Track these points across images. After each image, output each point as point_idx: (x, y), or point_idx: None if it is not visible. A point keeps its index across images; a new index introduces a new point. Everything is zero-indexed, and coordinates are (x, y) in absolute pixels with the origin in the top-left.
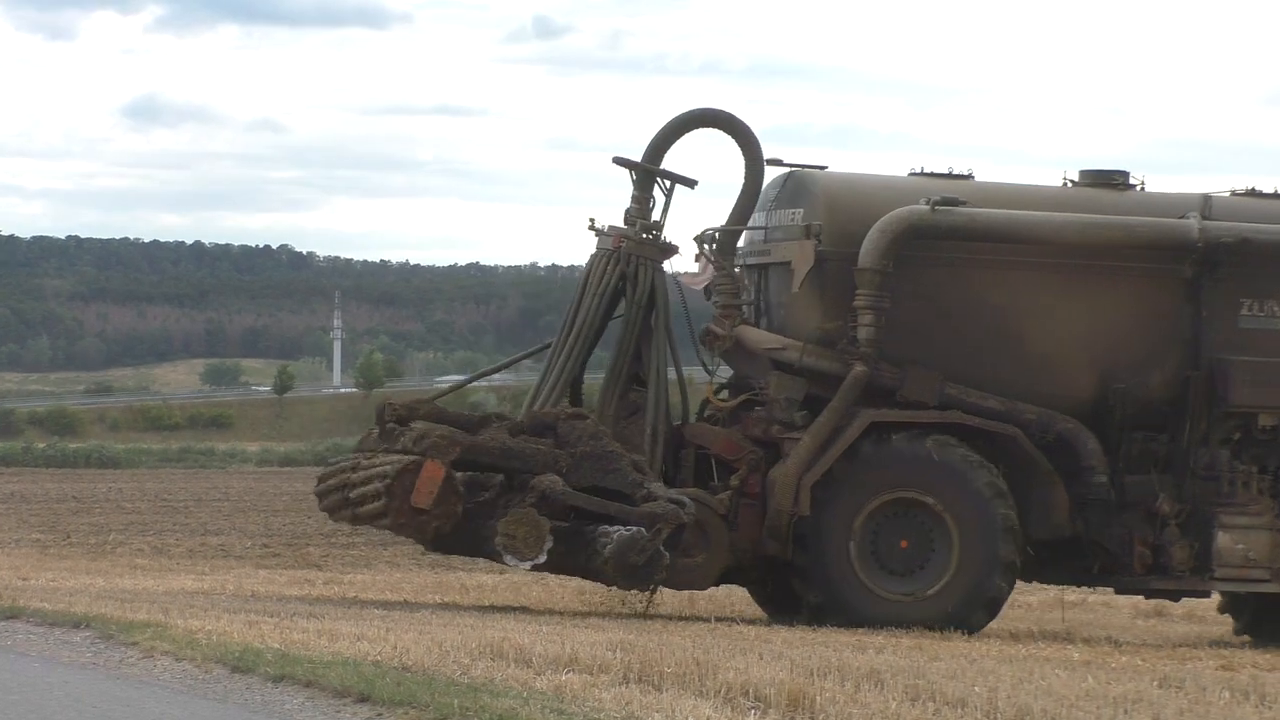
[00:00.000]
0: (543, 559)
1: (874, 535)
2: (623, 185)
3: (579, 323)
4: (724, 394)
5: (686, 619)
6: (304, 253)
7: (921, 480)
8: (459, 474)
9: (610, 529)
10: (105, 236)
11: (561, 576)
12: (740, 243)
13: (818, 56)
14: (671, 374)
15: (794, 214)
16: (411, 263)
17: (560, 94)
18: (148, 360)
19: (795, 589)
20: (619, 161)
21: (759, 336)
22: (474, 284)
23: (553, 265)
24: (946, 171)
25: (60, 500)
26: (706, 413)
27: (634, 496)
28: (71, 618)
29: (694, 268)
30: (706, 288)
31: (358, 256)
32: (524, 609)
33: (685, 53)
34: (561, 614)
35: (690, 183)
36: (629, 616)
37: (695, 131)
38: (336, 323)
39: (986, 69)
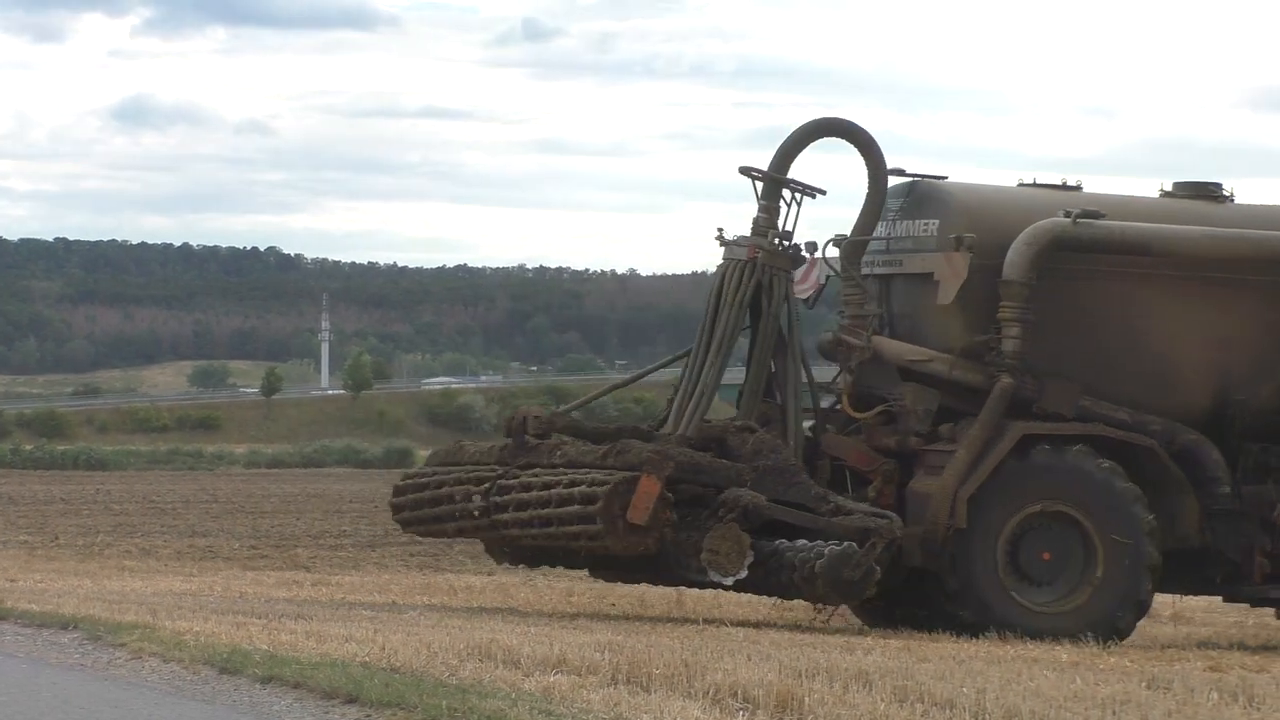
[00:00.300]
0: (744, 574)
1: (1018, 548)
2: (606, 186)
3: (718, 334)
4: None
5: (675, 620)
6: (292, 255)
7: (1066, 491)
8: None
9: (809, 544)
10: (93, 238)
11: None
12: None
13: (806, 59)
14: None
15: (927, 225)
16: (399, 265)
17: (549, 96)
18: (135, 362)
19: (942, 604)
20: (746, 171)
21: (900, 348)
22: (462, 286)
23: (540, 267)
24: (1059, 184)
25: (48, 502)
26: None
27: (818, 510)
28: (59, 619)
29: (794, 275)
30: (809, 296)
31: (345, 258)
32: (512, 610)
33: (674, 55)
34: (550, 615)
35: (818, 192)
36: (617, 618)
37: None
38: (324, 324)
39: (976, 70)
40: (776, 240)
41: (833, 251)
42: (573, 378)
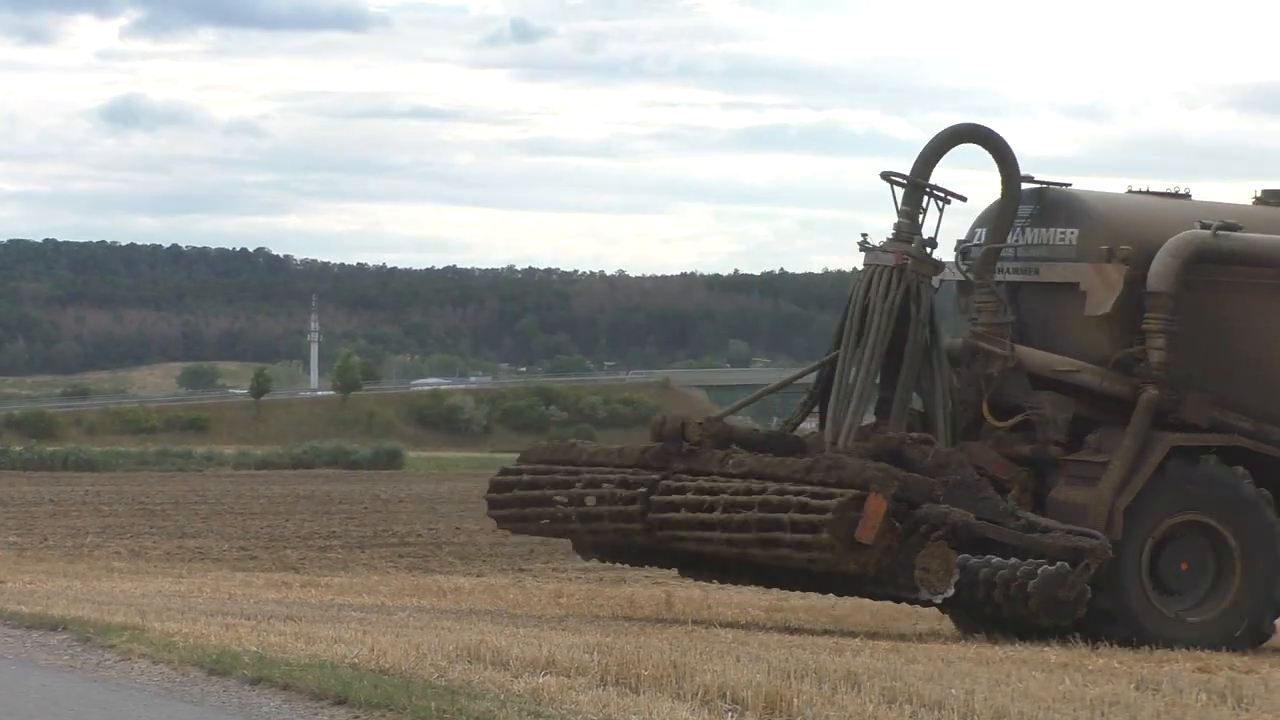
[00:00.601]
0: (951, 591)
1: (1158, 559)
2: (595, 187)
3: (870, 341)
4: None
5: (664, 621)
6: (281, 256)
7: (1204, 501)
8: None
9: (1014, 562)
10: (82, 240)
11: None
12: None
13: (795, 59)
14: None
15: (1064, 234)
16: (388, 266)
17: (537, 97)
18: (125, 363)
19: (1090, 620)
20: (888, 176)
21: (1046, 358)
22: (451, 287)
23: (530, 268)
24: (1170, 191)
25: (37, 503)
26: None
27: (1007, 525)
28: (49, 620)
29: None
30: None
31: (335, 260)
32: (501, 612)
33: (663, 55)
34: (539, 617)
35: (960, 198)
36: (606, 619)
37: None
38: (314, 326)
39: (965, 70)
40: (923, 247)
41: (946, 256)
42: (562, 379)
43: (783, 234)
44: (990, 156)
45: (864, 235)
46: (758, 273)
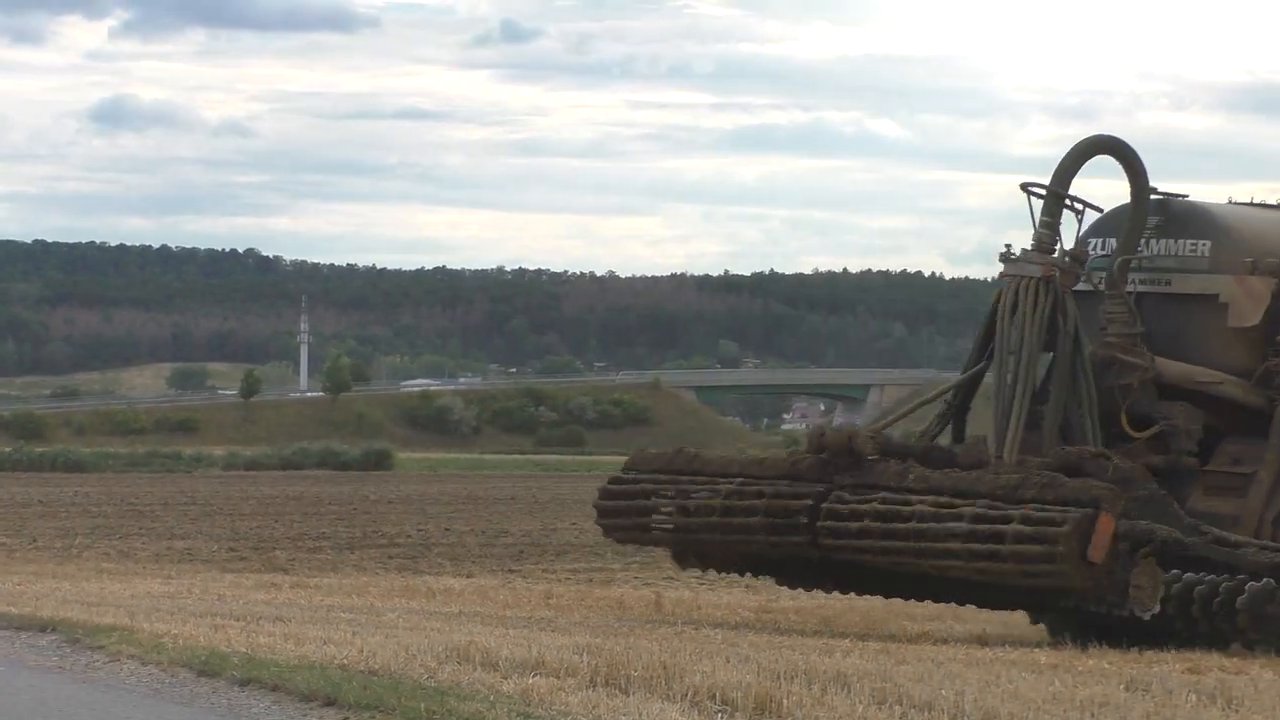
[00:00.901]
0: (1157, 608)
1: None
2: (584, 188)
3: (1025, 355)
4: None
5: (653, 622)
6: (270, 257)
7: None
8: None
9: (1214, 578)
10: (71, 240)
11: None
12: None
13: (784, 60)
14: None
15: (1196, 245)
16: (378, 266)
17: (527, 98)
18: (114, 364)
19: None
20: (1027, 188)
21: (1186, 369)
22: (441, 288)
23: (519, 269)
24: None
25: (26, 504)
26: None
27: (1201, 541)
28: (38, 621)
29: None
30: None
31: (324, 260)
32: (490, 613)
33: (652, 57)
34: (528, 618)
35: (1097, 209)
36: (596, 620)
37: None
38: (303, 326)
39: (954, 70)
40: (1068, 259)
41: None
42: (551, 380)
43: (772, 234)
44: (1120, 167)
45: (1007, 246)
46: (747, 273)
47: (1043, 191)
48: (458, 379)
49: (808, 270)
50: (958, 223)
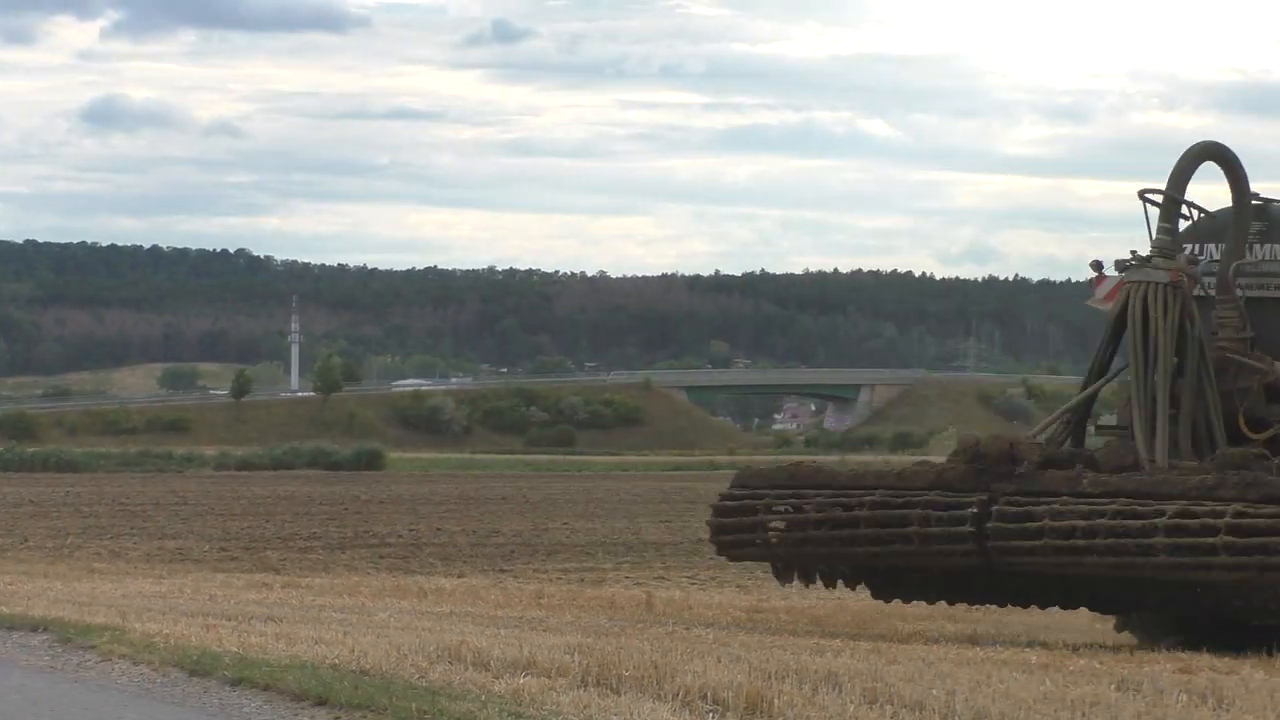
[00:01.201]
0: None
1: None
2: (576, 188)
3: (1161, 362)
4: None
5: (645, 622)
6: (261, 257)
7: None
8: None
9: None
10: (63, 241)
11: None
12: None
13: (776, 60)
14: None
15: None
16: (369, 267)
17: (519, 98)
18: (105, 364)
19: None
20: (1144, 194)
21: None
22: (432, 288)
23: (511, 269)
24: None
25: (18, 504)
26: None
27: None
28: (29, 621)
29: (1098, 292)
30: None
31: (315, 260)
32: (482, 613)
33: (644, 57)
34: (519, 618)
35: (1210, 215)
36: (587, 620)
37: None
38: (294, 326)
39: (947, 70)
40: (1191, 264)
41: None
42: (542, 379)
43: (763, 235)
44: (1223, 174)
45: (1133, 252)
46: (738, 273)
47: (1158, 198)
48: (449, 379)
49: (798, 270)
50: (949, 223)
